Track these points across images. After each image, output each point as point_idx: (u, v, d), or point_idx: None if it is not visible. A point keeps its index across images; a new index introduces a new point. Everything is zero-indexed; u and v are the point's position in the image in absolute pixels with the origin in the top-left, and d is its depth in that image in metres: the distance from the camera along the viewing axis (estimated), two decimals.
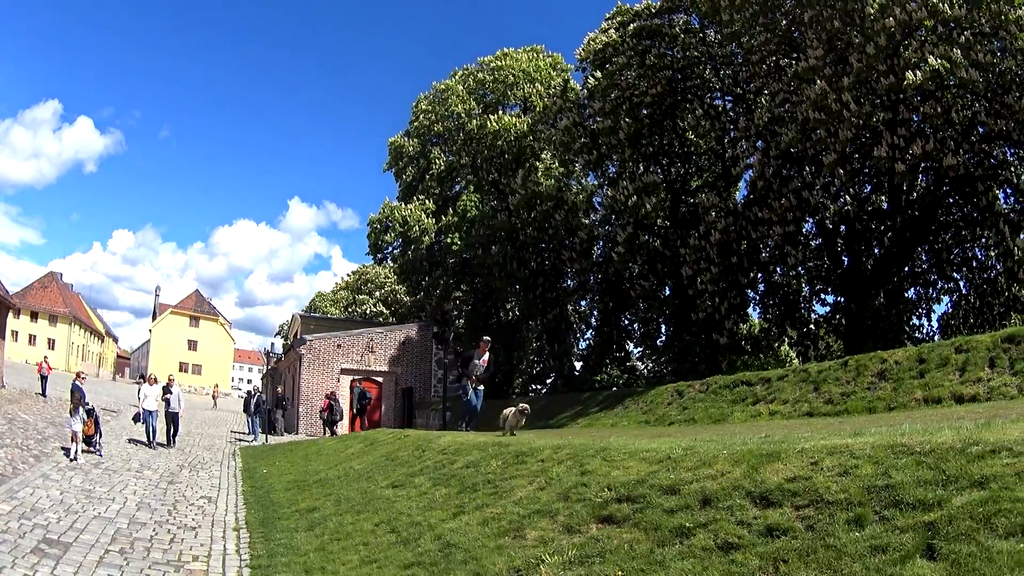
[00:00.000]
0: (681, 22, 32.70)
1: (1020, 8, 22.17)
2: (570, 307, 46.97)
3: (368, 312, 70.13)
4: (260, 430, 34.69)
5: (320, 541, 11.16)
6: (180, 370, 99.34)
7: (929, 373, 15.82)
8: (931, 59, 22.12)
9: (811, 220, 31.19)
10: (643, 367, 44.70)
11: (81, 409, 20.63)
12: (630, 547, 6.96)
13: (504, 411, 16.35)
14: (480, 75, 46.60)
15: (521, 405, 15.82)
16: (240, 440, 32.91)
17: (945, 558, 4.93)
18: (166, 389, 28.05)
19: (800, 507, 6.40)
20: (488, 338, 19.97)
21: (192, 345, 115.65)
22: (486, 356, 19.54)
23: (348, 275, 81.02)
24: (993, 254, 28.35)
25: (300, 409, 42.84)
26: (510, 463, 11.45)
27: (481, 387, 19.87)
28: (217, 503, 16.02)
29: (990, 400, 13.33)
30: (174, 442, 26.35)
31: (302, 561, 10.22)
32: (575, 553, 7.27)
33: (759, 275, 33.79)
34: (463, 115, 45.08)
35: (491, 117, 43.90)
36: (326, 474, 17.79)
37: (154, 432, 25.66)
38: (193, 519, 14.11)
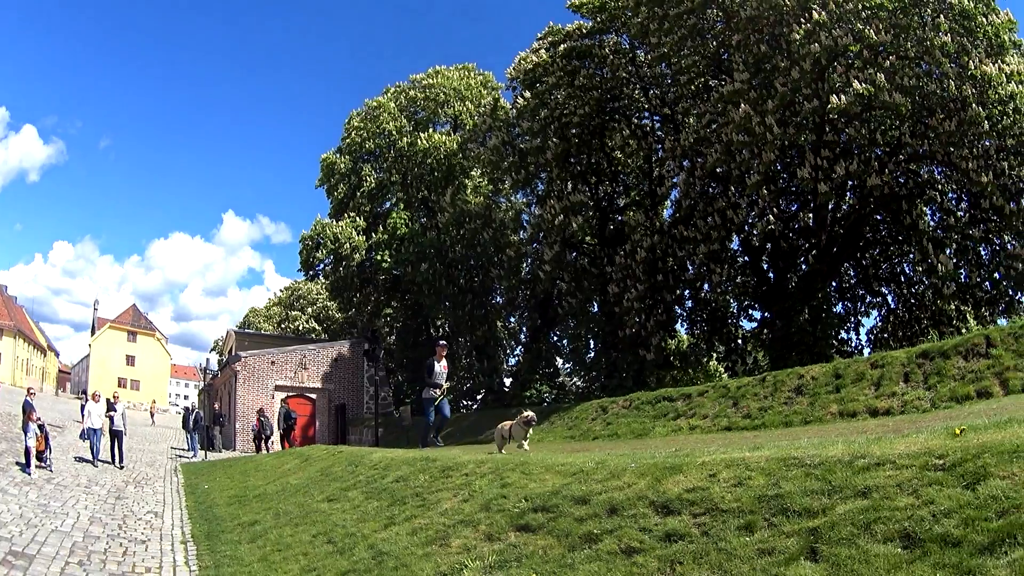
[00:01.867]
0: (611, 43, 32.54)
1: (946, 35, 22.46)
2: (499, 324, 46.67)
3: (301, 328, 69.06)
4: (199, 446, 34.23)
5: (262, 552, 11.43)
6: (119, 385, 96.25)
7: (845, 388, 15.83)
8: (856, 83, 22.38)
9: (737, 238, 31.27)
10: (572, 383, 44.23)
11: (33, 424, 20.35)
12: (544, 552, 7.33)
13: (502, 424, 14.11)
14: (412, 92, 46.23)
15: (526, 414, 13.38)
16: (180, 456, 32.53)
17: (827, 560, 5.23)
18: (110, 406, 26.82)
19: (697, 515, 6.70)
20: (444, 342, 19.19)
21: (130, 360, 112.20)
22: (444, 362, 18.41)
23: (281, 291, 79.85)
24: (920, 269, 28.35)
25: (236, 425, 41.56)
26: (437, 477, 11.74)
27: (439, 393, 18.19)
28: (163, 518, 16.14)
29: (903, 414, 13.42)
30: (121, 461, 25.27)
31: (247, 571, 10.55)
32: (495, 559, 7.61)
33: (686, 292, 33.78)
34: (394, 132, 44.66)
35: (422, 135, 43.59)
36: (265, 489, 17.83)
37: (98, 450, 24.90)
38: (142, 533, 14.29)
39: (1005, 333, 14.21)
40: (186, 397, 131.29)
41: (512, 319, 48.16)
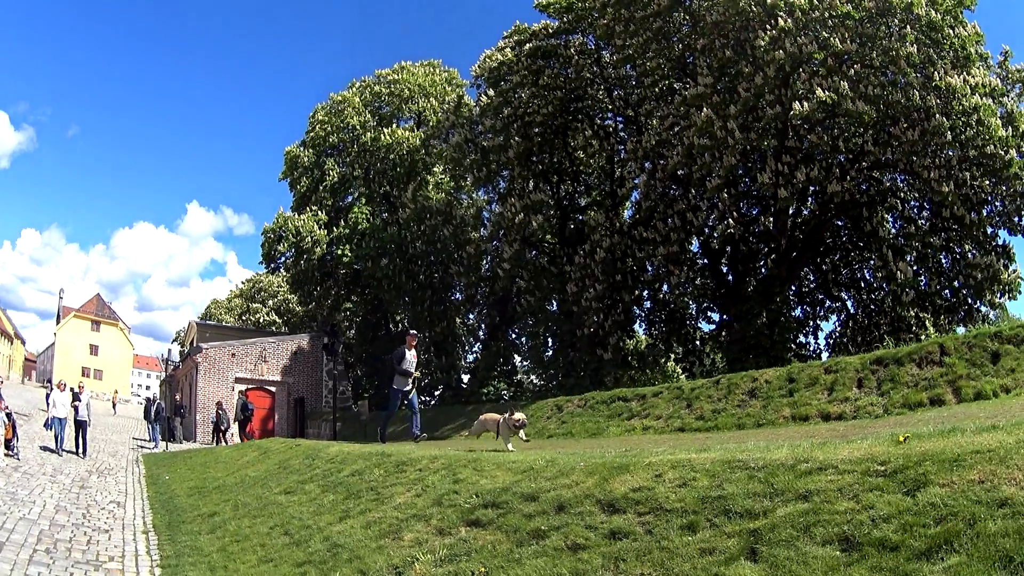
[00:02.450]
0: (577, 43, 32.36)
1: (912, 46, 22.50)
2: (458, 320, 46.28)
3: (261, 321, 67.97)
4: (160, 437, 33.78)
5: (222, 543, 11.47)
6: (83, 375, 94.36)
7: (798, 392, 15.87)
8: (819, 91, 22.31)
9: (697, 240, 31.12)
10: (529, 381, 43.92)
11: (1, 413, 20.58)
12: (493, 547, 7.37)
13: (486, 416, 13.46)
14: (377, 88, 45.84)
15: (517, 416, 12.46)
16: (142, 447, 32.23)
17: (766, 561, 5.27)
18: (75, 396, 26.80)
19: (642, 514, 6.74)
20: (415, 332, 18.91)
21: (94, 350, 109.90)
22: (414, 352, 17.57)
23: (243, 283, 78.77)
24: (879, 276, 28.47)
25: (197, 417, 40.98)
26: (391, 472, 11.77)
27: (411, 386, 17.57)
28: (126, 507, 16.07)
29: (856, 419, 13.47)
30: (84, 451, 25.06)
31: (207, 561, 10.59)
32: (445, 552, 7.69)
33: (645, 293, 33.67)
34: (358, 127, 44.09)
35: (385, 130, 43.08)
36: (224, 481, 17.79)
37: (62, 439, 24.66)
38: (105, 522, 14.22)
39: (959, 342, 14.23)
40: (148, 388, 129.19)
41: (471, 316, 47.91)
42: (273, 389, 44.24)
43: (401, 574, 7.69)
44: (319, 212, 44.84)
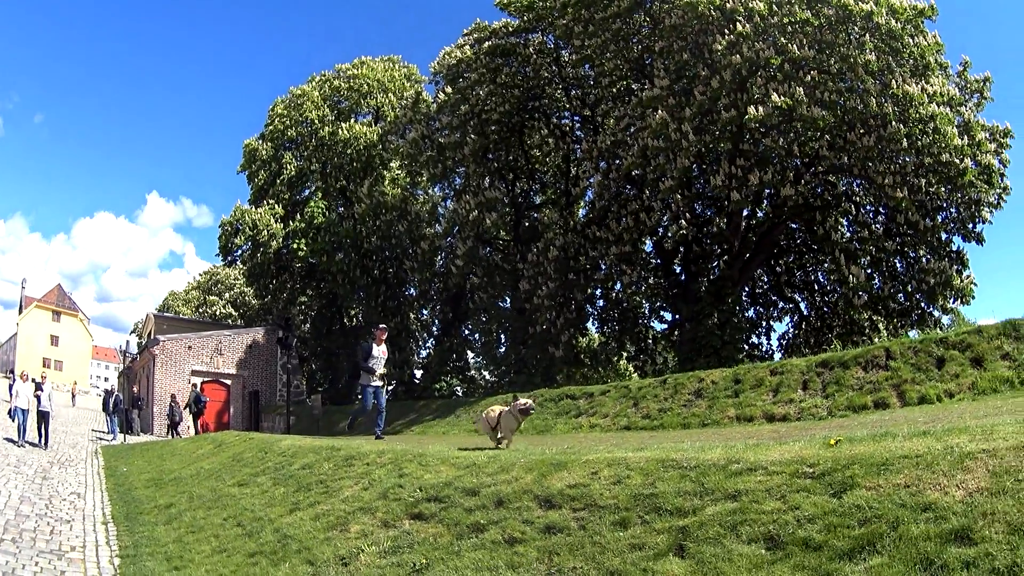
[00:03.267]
0: (536, 42, 32.11)
1: (870, 54, 22.59)
2: (412, 316, 45.58)
3: (218, 313, 66.59)
4: (119, 429, 33.13)
5: (178, 533, 11.49)
6: (44, 366, 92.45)
7: (744, 393, 15.88)
8: (775, 96, 22.29)
9: (650, 241, 30.90)
10: (482, 377, 43.47)
11: None
12: (434, 540, 7.48)
13: (488, 410, 11.80)
14: (336, 82, 45.11)
15: (523, 401, 11.08)
16: (101, 439, 31.36)
17: (693, 557, 5.36)
18: (37, 387, 26.04)
19: (577, 509, 6.83)
20: (384, 325, 17.53)
21: (54, 340, 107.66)
22: (384, 347, 16.38)
23: (200, 275, 77.11)
24: (832, 279, 28.51)
25: (154, 409, 40.01)
26: (340, 465, 11.79)
27: (382, 383, 16.35)
28: (86, 499, 15.77)
29: (800, 420, 13.57)
30: (46, 442, 24.39)
31: (163, 551, 10.57)
32: (389, 544, 7.77)
33: (598, 291, 33.46)
34: (316, 121, 43.40)
35: (343, 125, 42.53)
36: (180, 473, 17.67)
37: (24, 430, 23.98)
38: (67, 513, 13.98)
39: (905, 346, 14.19)
40: (106, 379, 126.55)
41: (425, 312, 47.35)
42: (229, 382, 43.35)
43: (347, 565, 7.73)
44: (276, 206, 43.93)
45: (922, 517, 4.72)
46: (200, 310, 68.65)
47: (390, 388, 43.62)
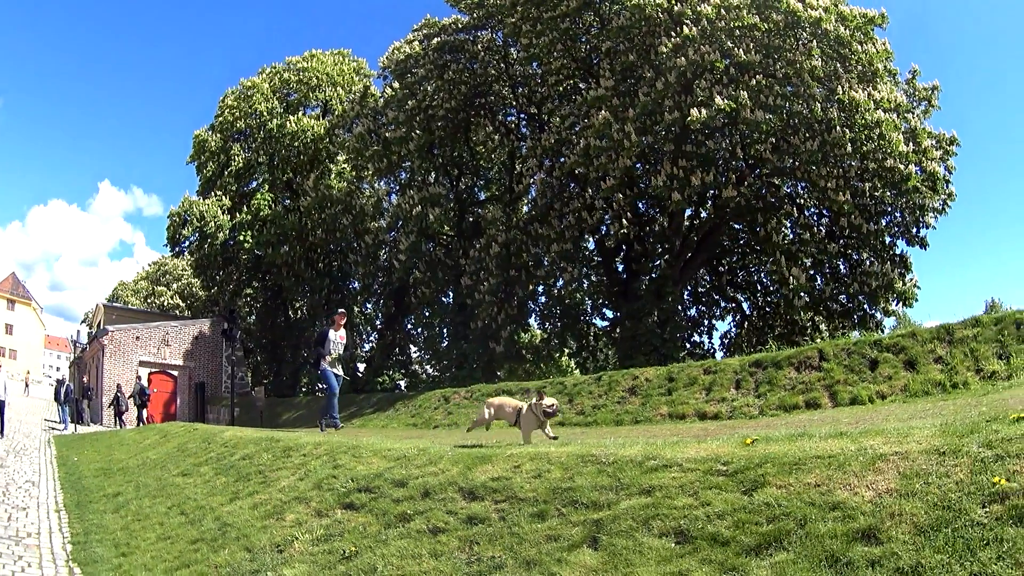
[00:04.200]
0: (485, 39, 31.68)
1: (817, 60, 22.62)
2: (355, 309, 44.60)
3: (166, 304, 65.08)
4: (70, 419, 32.75)
5: (125, 521, 11.57)
6: None
7: (677, 391, 15.75)
8: (718, 99, 21.99)
9: (592, 239, 30.61)
10: (424, 372, 42.83)
11: None
12: (363, 528, 7.59)
13: (501, 402, 10.17)
14: (286, 75, 44.18)
15: (548, 401, 9.30)
16: (53, 428, 31.09)
17: (605, 549, 5.48)
18: None
19: (498, 501, 6.95)
20: (343, 310, 17.00)
21: (8, 329, 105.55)
22: (343, 332, 16.11)
23: (149, 265, 75.37)
24: (775, 279, 28.38)
25: (104, 400, 38.76)
26: (278, 456, 11.90)
27: (340, 369, 15.98)
28: (40, 487, 15.85)
29: (731, 419, 13.52)
30: (2, 431, 23.93)
31: (112, 538, 10.66)
32: (322, 533, 7.88)
33: (540, 288, 33.13)
34: (265, 113, 42.33)
35: (291, 117, 41.52)
36: (127, 463, 17.76)
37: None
38: (23, 500, 14.02)
39: (839, 348, 14.07)
40: (58, 369, 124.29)
41: (368, 305, 46.33)
42: (175, 373, 42.41)
43: (282, 552, 7.83)
44: (223, 197, 42.88)
45: (830, 516, 4.80)
46: (149, 301, 67.09)
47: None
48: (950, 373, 12.01)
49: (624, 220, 27.76)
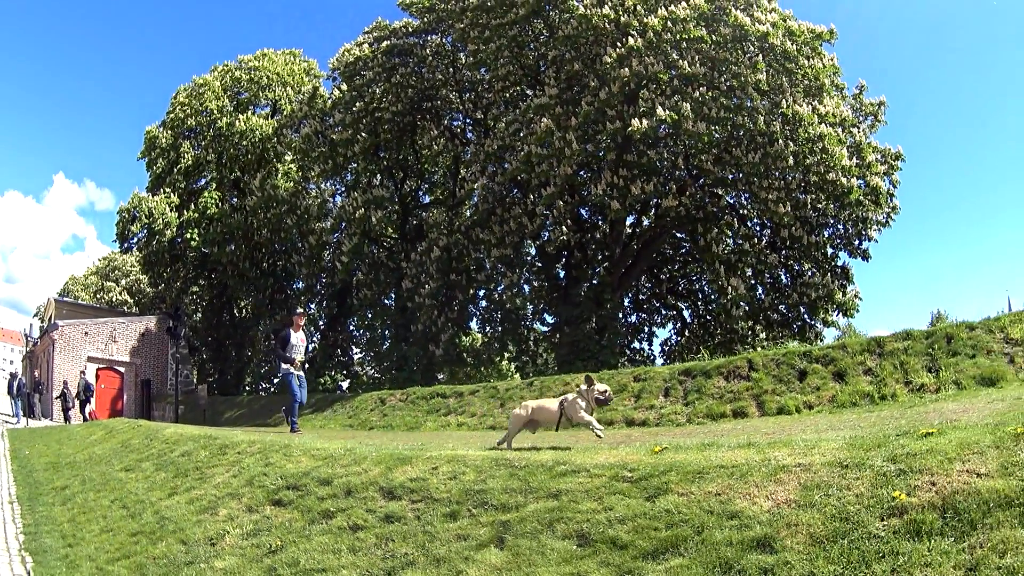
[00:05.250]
0: (434, 44, 31.06)
1: (762, 73, 22.57)
2: (300, 310, 43.68)
3: (114, 300, 63.40)
4: (22, 413, 32.42)
5: (72, 514, 11.67)
6: None
7: None
8: (660, 110, 21.82)
9: (533, 245, 30.09)
10: (365, 373, 42.15)
11: None
12: (289, 524, 7.75)
13: (532, 405, 8.69)
14: (238, 73, 42.94)
15: (600, 387, 8.22)
16: (7, 422, 31.27)
17: (510, 549, 5.62)
18: None
19: (415, 501, 7.12)
20: (302, 310, 16.83)
21: None
22: (302, 334, 15.55)
23: (99, 260, 73.48)
24: (715, 288, 28.00)
25: (54, 394, 37.49)
26: (215, 453, 11.97)
27: (301, 371, 15.36)
28: None
29: (659, 426, 13.46)
30: None
31: (59, 530, 10.85)
32: (251, 527, 8.02)
33: (481, 292, 32.66)
34: (215, 111, 40.98)
35: (240, 116, 40.38)
36: (75, 457, 17.68)
37: None
38: None
39: (768, 358, 14.02)
40: (11, 362, 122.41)
41: (312, 306, 45.11)
42: (122, 370, 41.34)
43: (215, 545, 7.89)
44: (172, 194, 41.49)
45: (727, 524, 4.86)
46: (98, 296, 65.33)
47: (275, 380, 42.30)
48: (879, 385, 11.94)
49: (565, 227, 27.22)
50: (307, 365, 15.84)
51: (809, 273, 26.54)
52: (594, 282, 28.02)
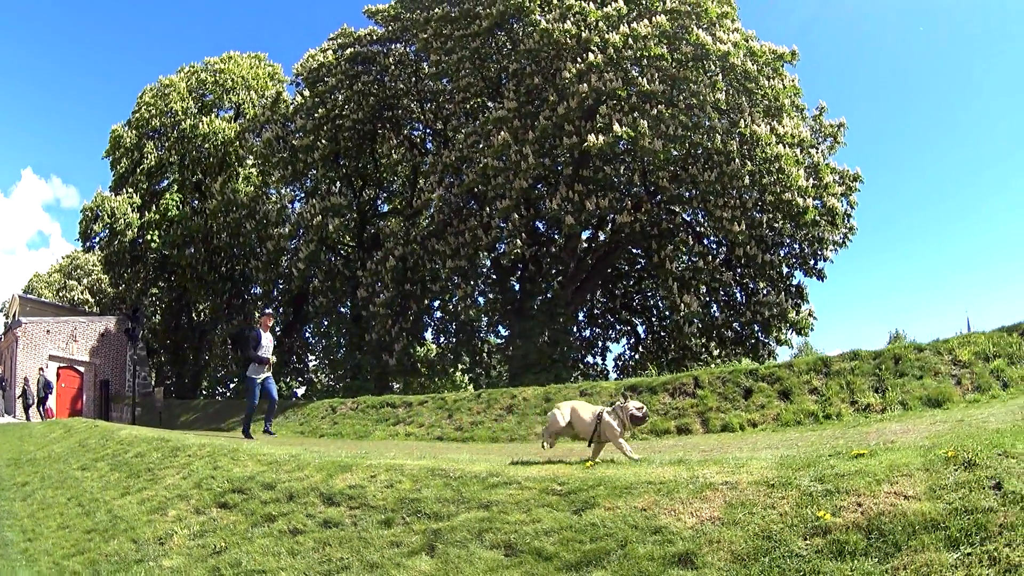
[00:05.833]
0: (398, 53, 30.75)
1: (721, 93, 22.55)
2: (256, 315, 43.23)
3: (76, 299, 61.98)
4: None
5: (31, 510, 11.89)
6: None
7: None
8: (617, 126, 21.57)
9: (488, 257, 29.77)
10: (320, 381, 41.51)
11: None
12: (233, 526, 7.81)
13: (565, 407, 7.94)
14: (203, 75, 42.16)
15: (635, 404, 7.28)
16: None
17: (440, 557, 5.73)
18: None
19: (353, 508, 7.18)
20: (270, 310, 16.60)
21: None
22: (270, 334, 15.18)
23: (63, 258, 71.39)
24: (668, 304, 27.82)
25: (16, 391, 36.67)
26: (167, 455, 11.99)
27: (269, 372, 14.98)
28: None
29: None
30: None
31: (20, 524, 11.07)
32: (198, 528, 8.10)
33: (435, 303, 32.37)
34: (180, 113, 40.16)
35: (204, 119, 39.59)
36: (35, 455, 17.75)
37: None
38: None
39: (714, 376, 13.96)
40: None
41: (268, 311, 45.07)
42: (82, 370, 40.58)
43: (163, 544, 8.01)
44: (134, 195, 40.73)
45: (651, 539, 4.89)
46: (60, 294, 63.96)
47: (231, 385, 41.78)
48: (824, 404, 11.97)
49: (520, 240, 27.00)
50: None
51: (763, 291, 26.38)
52: (548, 296, 27.70)
